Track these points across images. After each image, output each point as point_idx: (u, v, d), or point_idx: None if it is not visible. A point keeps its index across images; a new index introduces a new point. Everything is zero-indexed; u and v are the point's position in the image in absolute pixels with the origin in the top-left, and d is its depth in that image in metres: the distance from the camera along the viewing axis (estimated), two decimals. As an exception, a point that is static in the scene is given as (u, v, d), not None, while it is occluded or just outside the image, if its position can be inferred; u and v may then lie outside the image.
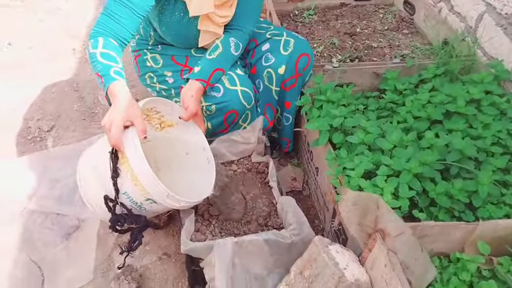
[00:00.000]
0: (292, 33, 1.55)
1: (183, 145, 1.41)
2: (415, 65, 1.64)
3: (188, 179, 1.37)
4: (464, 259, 1.05)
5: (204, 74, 1.35)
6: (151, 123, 1.36)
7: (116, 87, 1.14)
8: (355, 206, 1.08)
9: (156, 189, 1.07)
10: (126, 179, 1.08)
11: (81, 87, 2.23)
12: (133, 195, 1.10)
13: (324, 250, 1.07)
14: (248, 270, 1.13)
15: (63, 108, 2.10)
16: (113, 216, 1.12)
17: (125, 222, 1.13)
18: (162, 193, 1.08)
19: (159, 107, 1.30)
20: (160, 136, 1.40)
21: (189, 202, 1.16)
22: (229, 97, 1.38)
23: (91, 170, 1.17)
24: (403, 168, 1.12)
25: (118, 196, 1.10)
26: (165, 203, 1.11)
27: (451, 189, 1.12)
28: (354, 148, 1.26)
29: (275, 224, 1.27)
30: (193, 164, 1.39)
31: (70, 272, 1.39)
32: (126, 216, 1.12)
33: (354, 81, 1.65)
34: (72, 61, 2.43)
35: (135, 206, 1.13)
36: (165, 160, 1.46)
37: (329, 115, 1.32)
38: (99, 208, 1.16)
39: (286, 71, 1.48)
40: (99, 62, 1.20)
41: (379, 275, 1.03)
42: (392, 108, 1.47)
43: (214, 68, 1.37)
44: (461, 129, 1.28)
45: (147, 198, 1.10)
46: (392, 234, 1.01)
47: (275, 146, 1.78)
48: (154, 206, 1.14)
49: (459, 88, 1.40)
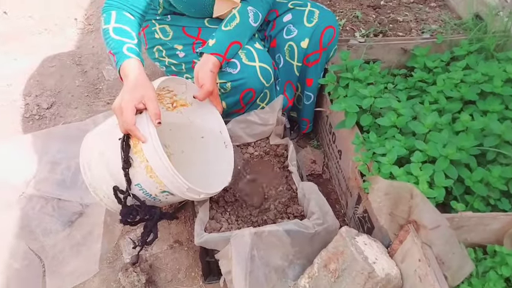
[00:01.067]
0: (316, 4, 1.42)
1: (198, 127, 1.31)
2: (446, 41, 1.53)
3: (204, 165, 1.28)
4: (503, 253, 0.97)
5: (220, 47, 1.24)
6: (163, 103, 1.27)
7: (128, 65, 1.05)
8: (388, 196, 1.00)
9: (175, 183, 0.99)
10: (139, 170, 0.99)
11: (83, 61, 2.10)
12: (148, 188, 1.02)
13: (351, 243, 0.99)
14: (267, 262, 1.06)
15: (64, 84, 1.98)
16: (124, 209, 1.03)
17: (138, 214, 1.04)
18: (181, 187, 1.00)
19: (171, 85, 1.20)
20: (173, 117, 1.30)
21: (209, 194, 1.08)
22: (246, 74, 1.27)
23: (97, 156, 1.06)
24: (440, 155, 1.02)
25: (130, 187, 1.01)
26: (183, 195, 1.02)
27: (488, 177, 1.04)
28: (383, 131, 1.16)
29: (295, 211, 1.19)
30: (209, 148, 1.29)
31: (73, 263, 1.31)
32: (139, 208, 1.03)
33: (379, 57, 1.54)
34: (73, 32, 2.29)
35: (148, 197, 1.04)
36: (178, 144, 1.36)
37: (357, 95, 1.21)
38: (107, 198, 1.07)
39: (310, 44, 1.36)
40: (112, 38, 1.11)
41: (412, 270, 0.96)
42: (422, 87, 1.36)
43: (231, 41, 1.25)
44: (497, 111, 1.18)
45: (163, 190, 1.02)
46: (428, 227, 0.93)
47: (293, 127, 1.68)
48: (171, 198, 1.06)
49: (495, 66, 1.30)
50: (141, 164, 0.98)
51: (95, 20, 2.34)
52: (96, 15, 2.38)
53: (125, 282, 1.17)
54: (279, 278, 1.09)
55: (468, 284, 0.96)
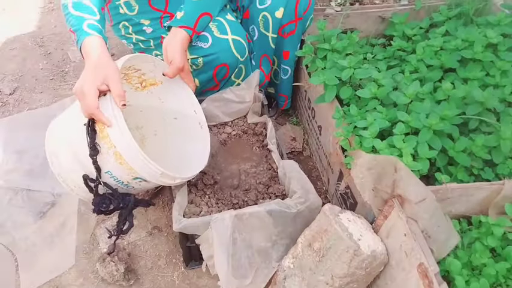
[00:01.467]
0: None
1: (170, 108, 1.24)
2: (424, 7, 1.48)
3: (179, 148, 1.22)
4: (489, 223, 0.96)
5: (189, 20, 1.15)
6: (131, 83, 1.19)
7: (89, 44, 0.97)
8: (371, 171, 0.96)
9: (147, 169, 0.93)
10: (107, 156, 0.92)
11: (46, 42, 1.97)
12: (118, 175, 0.95)
13: (335, 220, 0.96)
14: (250, 244, 1.02)
15: (27, 67, 1.86)
16: (96, 198, 0.97)
17: (111, 203, 0.98)
18: (154, 172, 0.94)
19: (138, 63, 1.12)
20: (143, 98, 1.22)
21: (185, 178, 1.03)
22: (218, 48, 1.20)
23: (64, 144, 0.99)
24: (423, 125, 0.99)
25: (100, 175, 0.95)
26: (157, 181, 0.97)
27: (471, 146, 1.02)
28: (363, 104, 1.12)
29: (277, 191, 1.15)
30: (184, 129, 1.23)
31: (48, 256, 1.25)
32: (112, 196, 0.97)
33: (357, 26, 1.48)
34: (33, 11, 2.14)
35: (121, 185, 0.98)
36: (150, 126, 1.29)
37: (336, 66, 1.16)
38: (77, 188, 1.01)
39: (285, 14, 1.28)
40: (71, 14, 1.02)
41: (397, 245, 0.94)
42: (401, 56, 1.32)
43: (200, 12, 1.17)
44: (478, 78, 1.16)
45: (135, 177, 0.95)
46: (414, 201, 0.91)
47: (271, 103, 1.62)
48: (144, 184, 1.00)
49: (475, 32, 1.27)
50: (109, 150, 0.91)
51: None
52: (57, -9, 2.23)
53: (103, 273, 1.12)
54: (263, 260, 1.06)
55: (454, 256, 0.95)
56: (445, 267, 0.94)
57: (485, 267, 0.92)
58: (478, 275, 0.93)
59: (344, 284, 0.96)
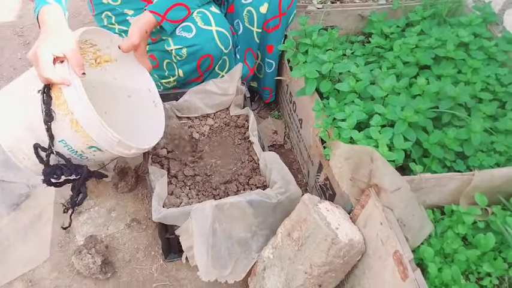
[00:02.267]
0: None
1: (124, 86, 1.22)
2: (401, 6, 1.53)
3: (132, 126, 1.19)
4: (460, 211, 0.99)
5: (161, 7, 1.16)
6: (85, 58, 1.16)
7: (45, 11, 0.95)
8: (348, 160, 0.99)
9: (104, 136, 0.90)
10: (63, 124, 0.89)
11: (26, 32, 1.93)
12: (73, 144, 0.93)
13: (314, 209, 0.98)
14: (230, 235, 1.03)
15: (5, 57, 1.83)
16: (47, 168, 0.93)
17: (62, 173, 0.94)
18: (111, 140, 0.91)
19: (95, 38, 1.09)
20: (96, 74, 1.19)
21: (140, 149, 1.01)
22: (202, 39, 1.20)
23: (14, 112, 0.95)
24: (398, 118, 1.02)
25: (53, 144, 0.91)
26: (113, 150, 0.94)
27: (444, 139, 1.06)
28: (342, 97, 1.15)
29: (258, 182, 1.16)
30: (137, 108, 1.21)
31: (21, 249, 1.22)
32: (64, 166, 0.94)
33: (337, 24, 1.52)
34: (14, 1, 2.10)
35: (74, 155, 0.96)
36: (102, 104, 1.24)
37: (316, 61, 1.18)
38: (27, 160, 0.97)
39: (269, 9, 1.30)
40: None
41: (374, 234, 0.97)
42: (379, 53, 1.36)
43: (174, 2, 1.17)
44: (450, 75, 1.21)
45: (90, 146, 0.93)
46: (389, 190, 0.93)
47: (254, 97, 1.63)
48: (99, 155, 0.98)
49: (448, 31, 1.32)
50: (65, 117, 0.88)
51: (36, -12, 2.15)
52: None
53: (79, 266, 1.10)
54: (242, 250, 1.07)
55: (428, 244, 0.98)
56: (419, 255, 0.96)
57: (456, 254, 0.95)
58: (450, 263, 0.97)
59: (322, 273, 0.97)
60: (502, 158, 1.07)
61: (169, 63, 1.31)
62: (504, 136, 1.10)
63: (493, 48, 1.29)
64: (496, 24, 1.43)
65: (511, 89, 1.19)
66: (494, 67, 1.26)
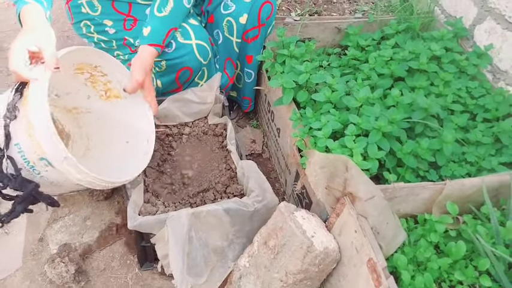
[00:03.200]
0: None
1: (126, 129, 1.19)
2: (376, 20, 1.57)
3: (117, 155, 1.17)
4: (432, 220, 1.02)
5: (157, 36, 1.15)
6: (96, 88, 1.15)
7: (26, 10, 0.94)
8: (324, 169, 1.00)
9: (52, 145, 0.82)
10: (21, 125, 0.84)
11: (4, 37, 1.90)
12: (26, 150, 0.86)
13: (290, 218, 0.98)
14: (206, 243, 1.02)
15: (-19, 61, 1.79)
16: None
17: (8, 184, 0.85)
18: (58, 153, 0.83)
19: (106, 66, 1.08)
20: (103, 108, 1.18)
21: (96, 178, 0.90)
22: (182, 53, 1.21)
23: None
24: (372, 127, 1.05)
25: (8, 146, 0.84)
26: (62, 168, 0.85)
27: (417, 149, 1.08)
28: (318, 107, 1.17)
29: (235, 191, 1.16)
30: (130, 152, 1.19)
31: None
32: (12, 177, 0.85)
33: (314, 36, 1.55)
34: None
35: (26, 166, 0.88)
36: (99, 141, 1.23)
37: (294, 71, 1.20)
38: None
39: (249, 20, 1.32)
40: None
41: (349, 242, 0.98)
42: (355, 65, 1.40)
43: (168, 28, 1.17)
44: (423, 87, 1.25)
45: (41, 157, 0.85)
46: (364, 198, 0.95)
47: (232, 107, 1.64)
48: (51, 173, 0.89)
49: (421, 45, 1.37)
50: (23, 118, 0.83)
51: (16, -7, 2.12)
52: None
53: (52, 275, 1.07)
54: (219, 259, 1.06)
55: (401, 252, 1.00)
56: (392, 263, 0.98)
57: (429, 263, 0.97)
58: (423, 270, 0.98)
59: (298, 281, 0.98)
60: (473, 169, 1.11)
61: None
62: (475, 147, 1.14)
63: (464, 62, 1.33)
64: (466, 39, 1.48)
65: (481, 101, 1.23)
66: (465, 80, 1.31)
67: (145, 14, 1.29)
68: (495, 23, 1.35)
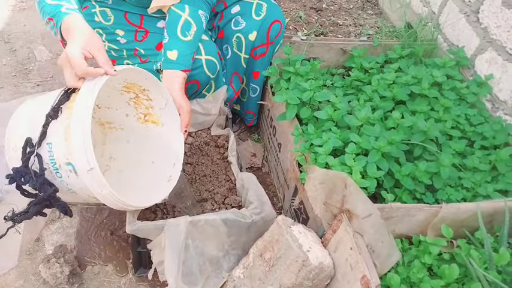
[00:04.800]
0: None
1: (154, 151, 1.19)
2: (381, 44, 1.61)
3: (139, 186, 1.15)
4: (427, 242, 1.03)
5: (186, 61, 1.18)
6: (137, 109, 1.16)
7: (69, 20, 0.97)
8: (323, 185, 1.02)
9: (84, 153, 0.83)
10: (60, 127, 0.86)
11: (13, 39, 1.93)
12: (56, 151, 0.87)
13: (287, 231, 1.00)
14: (202, 252, 1.03)
15: (-10, 62, 1.82)
16: (21, 167, 0.86)
17: (28, 181, 0.85)
18: (86, 162, 0.84)
19: (153, 92, 1.09)
20: (137, 130, 1.18)
21: (114, 197, 0.90)
22: (192, 67, 1.24)
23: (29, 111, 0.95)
24: (372, 147, 1.07)
25: (40, 143, 0.86)
26: (85, 178, 0.86)
27: (415, 171, 1.10)
28: (320, 124, 1.19)
29: (233, 202, 1.18)
30: (153, 175, 1.16)
31: None
32: (35, 175, 0.86)
33: (320, 56, 1.58)
34: (4, 9, 2.11)
35: (51, 167, 0.89)
36: (123, 161, 1.22)
37: (298, 88, 1.23)
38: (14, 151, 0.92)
39: (258, 37, 1.36)
40: (48, 5, 1.02)
41: (344, 258, 0.98)
42: (358, 86, 1.43)
43: (193, 51, 1.21)
44: (424, 111, 1.27)
45: (68, 162, 0.87)
46: (361, 216, 0.96)
47: (235, 119, 1.67)
48: (73, 180, 0.89)
49: (423, 70, 1.40)
50: (64, 120, 0.86)
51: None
52: (30, -8, 2.21)
53: (46, 275, 1.07)
54: (214, 269, 1.07)
55: (395, 271, 1.01)
56: (386, 282, 0.99)
57: (422, 283, 0.98)
58: (415, 291, 0.99)
59: (291, 295, 0.98)
60: (469, 194, 1.12)
61: None
62: (472, 173, 1.16)
63: (464, 90, 1.36)
64: (467, 67, 1.52)
65: (479, 129, 1.26)
66: (464, 107, 1.33)
67: (156, 27, 1.33)
68: (496, 54, 1.39)
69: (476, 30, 1.49)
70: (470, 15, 1.54)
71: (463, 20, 1.58)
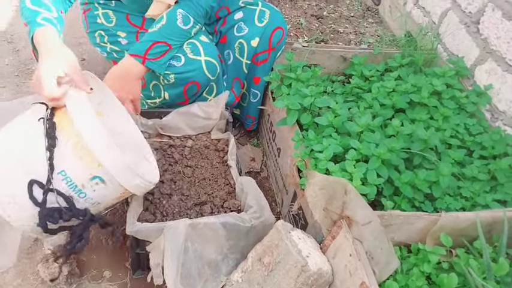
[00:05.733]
0: (267, 4, 1.44)
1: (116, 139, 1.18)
2: (381, 53, 1.62)
3: None
4: (426, 250, 1.03)
5: (140, 48, 1.19)
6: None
7: (41, 33, 0.95)
8: (323, 191, 1.02)
9: (112, 155, 0.83)
10: (65, 151, 0.84)
11: (16, 39, 1.94)
12: (74, 174, 0.85)
13: (286, 236, 0.99)
14: (201, 255, 1.03)
15: (-8, 61, 1.82)
16: (43, 209, 0.82)
17: (61, 217, 0.84)
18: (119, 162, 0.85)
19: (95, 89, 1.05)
20: None
21: (145, 182, 0.93)
22: (191, 68, 1.24)
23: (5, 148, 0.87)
24: (372, 154, 1.07)
25: (52, 177, 0.82)
26: (119, 178, 0.87)
27: (415, 179, 1.10)
28: (321, 130, 1.19)
29: (232, 206, 1.17)
30: (133, 159, 1.14)
31: None
32: (65, 209, 0.84)
33: (320, 63, 1.59)
34: (7, 9, 2.12)
35: (73, 190, 0.87)
36: None
37: (299, 94, 1.24)
38: (12, 204, 0.84)
39: (260, 43, 1.38)
40: (27, 8, 1.00)
41: (343, 265, 0.98)
42: (358, 93, 1.43)
43: (153, 41, 1.20)
44: (423, 120, 1.28)
45: (93, 176, 0.86)
46: (360, 222, 0.96)
47: (235, 124, 1.67)
48: (100, 191, 0.89)
49: (423, 79, 1.41)
50: (68, 142, 0.83)
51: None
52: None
53: (45, 274, 1.07)
54: (212, 272, 1.06)
55: (394, 279, 1.01)
56: (384, 290, 0.99)
57: (420, 292, 0.98)
58: (413, 300, 0.99)
59: (289, 300, 0.98)
60: (468, 203, 1.12)
61: (156, 85, 1.33)
62: (471, 183, 1.16)
63: (463, 99, 1.37)
64: (467, 77, 1.53)
65: (478, 138, 1.26)
66: (463, 117, 1.34)
67: None
68: (496, 65, 1.40)
69: (476, 41, 1.51)
70: (471, 26, 1.56)
71: (463, 31, 1.60)
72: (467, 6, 1.59)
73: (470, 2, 1.57)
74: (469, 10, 1.58)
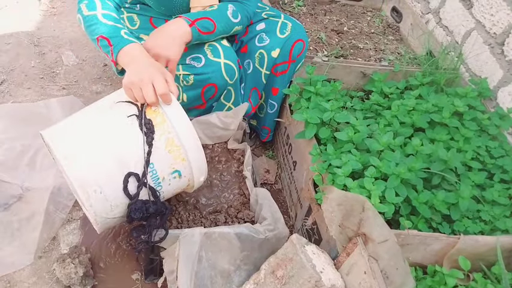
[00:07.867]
0: (289, 17, 1.45)
1: None
2: (402, 70, 1.61)
3: None
4: (443, 273, 1.01)
5: (191, 16, 1.22)
6: None
7: (134, 48, 1.07)
8: (340, 207, 1.01)
9: (198, 154, 0.96)
10: (158, 145, 0.92)
11: (42, 43, 1.99)
12: (160, 168, 0.92)
13: (301, 250, 0.99)
14: (214, 265, 1.02)
15: (19, 62, 1.86)
16: (137, 203, 0.89)
17: (147, 210, 0.90)
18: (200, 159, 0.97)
19: None
20: None
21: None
22: (210, 69, 1.26)
23: (94, 141, 0.90)
24: (392, 172, 1.06)
25: (147, 171, 0.89)
26: (196, 173, 0.99)
27: (433, 200, 1.09)
28: (339, 145, 1.19)
29: (246, 216, 1.17)
30: None
31: (6, 249, 1.19)
32: (153, 202, 0.91)
33: (340, 78, 1.59)
34: (35, 13, 2.18)
35: (154, 184, 0.94)
36: None
37: (319, 108, 1.24)
38: (98, 193, 0.87)
39: (280, 54, 1.38)
40: (102, 23, 1.10)
41: (357, 282, 0.97)
42: (377, 110, 1.42)
43: (204, 16, 1.23)
44: (443, 140, 1.26)
45: (174, 169, 0.95)
46: (377, 240, 0.95)
47: (250, 135, 1.68)
48: (172, 185, 0.98)
49: (445, 99, 1.39)
50: (162, 137, 0.92)
51: (59, 3, 2.25)
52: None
53: (60, 274, 1.08)
54: (224, 282, 1.06)
55: (408, 300, 0.99)
56: (398, 311, 0.97)
57: (435, 315, 0.96)
58: (428, 322, 0.97)
59: (301, 316, 0.97)
60: (487, 227, 1.10)
61: None
62: (490, 206, 1.14)
63: (486, 121, 1.34)
64: (490, 99, 1.51)
65: (500, 162, 1.24)
66: (485, 139, 1.31)
67: None
68: (519, 87, 1.38)
69: (501, 62, 1.49)
70: (495, 47, 1.54)
71: (487, 52, 1.58)
72: (492, 27, 1.58)
73: (495, 22, 1.56)
74: (493, 31, 1.57)
